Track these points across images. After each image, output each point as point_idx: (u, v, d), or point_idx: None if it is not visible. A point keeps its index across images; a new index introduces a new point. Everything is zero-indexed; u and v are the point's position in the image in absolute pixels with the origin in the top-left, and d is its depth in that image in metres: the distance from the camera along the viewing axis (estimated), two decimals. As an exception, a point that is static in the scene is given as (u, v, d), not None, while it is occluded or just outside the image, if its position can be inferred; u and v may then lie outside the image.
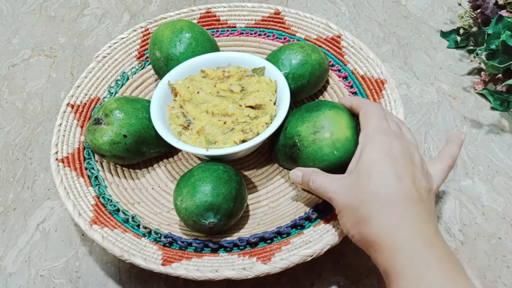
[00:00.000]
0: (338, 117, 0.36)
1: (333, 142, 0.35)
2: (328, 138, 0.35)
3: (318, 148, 0.35)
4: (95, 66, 0.49)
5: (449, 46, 0.59)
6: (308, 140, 0.36)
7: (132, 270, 0.40)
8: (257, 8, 0.54)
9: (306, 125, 0.37)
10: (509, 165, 0.46)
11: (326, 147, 0.35)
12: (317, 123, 0.36)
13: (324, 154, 0.35)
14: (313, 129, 0.36)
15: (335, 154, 0.35)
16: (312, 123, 0.36)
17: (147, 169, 0.46)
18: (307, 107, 0.39)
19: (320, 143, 0.35)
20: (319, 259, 0.35)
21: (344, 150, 0.35)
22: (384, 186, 0.30)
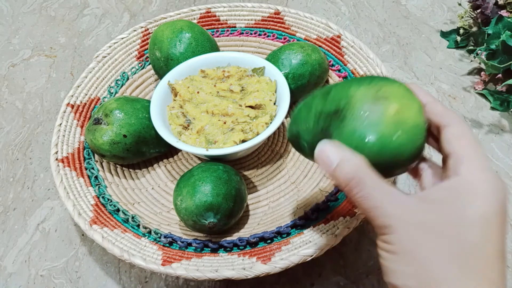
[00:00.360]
0: (410, 96, 0.25)
1: (397, 122, 0.23)
2: (392, 115, 0.23)
3: (373, 123, 0.23)
4: (95, 66, 0.49)
5: (449, 46, 0.59)
6: (363, 107, 0.24)
7: (132, 270, 0.40)
8: (257, 8, 0.54)
9: (365, 88, 0.25)
10: (509, 165, 0.46)
11: (385, 125, 0.23)
12: (381, 90, 0.24)
13: (382, 132, 0.23)
14: (373, 96, 0.24)
15: (396, 138, 0.23)
16: (375, 89, 0.25)
17: (147, 169, 0.46)
18: (368, 76, 0.28)
19: (379, 117, 0.23)
20: (319, 259, 0.35)
21: (408, 138, 0.23)
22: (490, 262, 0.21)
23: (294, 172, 0.44)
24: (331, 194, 0.39)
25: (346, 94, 0.25)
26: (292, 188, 0.43)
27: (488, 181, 0.22)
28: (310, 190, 0.41)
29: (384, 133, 0.23)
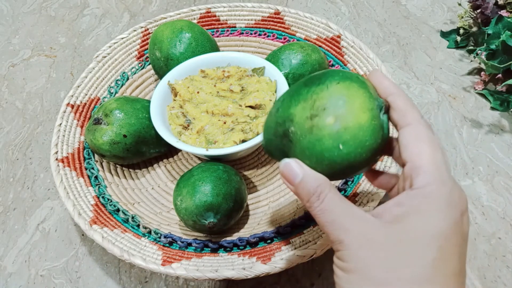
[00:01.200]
0: (350, 93, 0.24)
1: (337, 132, 0.23)
2: (330, 126, 0.24)
3: (315, 140, 0.24)
4: (95, 66, 0.49)
5: (449, 46, 0.59)
6: (303, 128, 0.25)
7: (132, 270, 0.40)
8: (257, 8, 0.54)
9: (302, 105, 0.25)
10: (509, 165, 0.46)
11: (328, 139, 0.24)
12: (316, 102, 0.24)
13: (324, 149, 0.24)
14: (310, 111, 0.24)
15: (341, 150, 0.23)
16: (310, 103, 0.25)
17: (147, 169, 0.46)
18: (307, 80, 0.26)
19: (319, 133, 0.24)
20: (319, 259, 0.35)
21: (355, 143, 0.23)
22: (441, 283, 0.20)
23: (294, 172, 0.44)
24: (331, 194, 0.39)
25: (288, 114, 0.26)
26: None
27: (444, 196, 0.21)
28: (310, 190, 0.41)
29: (328, 148, 0.24)
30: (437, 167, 0.22)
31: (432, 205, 0.21)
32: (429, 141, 0.22)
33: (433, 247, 0.20)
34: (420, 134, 0.23)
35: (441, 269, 0.20)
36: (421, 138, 0.22)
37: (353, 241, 0.21)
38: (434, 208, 0.21)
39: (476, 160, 0.46)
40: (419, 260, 0.20)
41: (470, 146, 0.48)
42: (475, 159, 0.46)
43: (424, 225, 0.21)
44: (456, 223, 0.21)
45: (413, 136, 0.23)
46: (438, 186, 0.21)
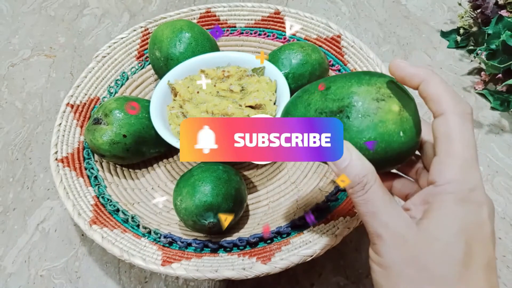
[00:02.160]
0: (406, 95, 0.26)
1: (401, 120, 0.24)
2: (396, 112, 0.24)
3: (379, 121, 0.24)
4: (94, 66, 0.49)
5: (449, 46, 0.59)
6: (368, 107, 0.25)
7: (132, 270, 0.40)
8: (257, 8, 0.54)
9: (366, 88, 0.25)
10: (509, 165, 0.46)
11: (391, 123, 0.24)
12: (382, 89, 0.25)
13: (386, 131, 0.24)
14: (376, 95, 0.25)
15: (401, 136, 0.24)
16: (376, 88, 0.25)
17: (147, 169, 0.46)
18: (363, 72, 0.28)
19: (384, 116, 0.24)
20: (319, 259, 0.35)
21: (411, 135, 0.25)
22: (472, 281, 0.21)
23: (294, 172, 0.44)
24: (331, 194, 0.39)
25: (348, 92, 0.26)
26: (292, 188, 0.43)
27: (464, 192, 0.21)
28: (310, 190, 0.41)
29: (391, 131, 0.24)
30: (461, 165, 0.21)
31: (452, 202, 0.21)
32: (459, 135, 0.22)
33: (458, 243, 0.21)
34: (451, 127, 0.22)
35: (469, 264, 0.21)
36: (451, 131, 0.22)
37: (390, 237, 0.22)
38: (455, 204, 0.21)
39: (476, 160, 0.46)
40: (447, 258, 0.21)
41: (470, 146, 0.48)
42: (475, 159, 0.46)
43: (447, 223, 0.21)
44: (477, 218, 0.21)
45: (443, 128, 0.22)
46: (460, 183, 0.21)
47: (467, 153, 0.22)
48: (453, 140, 0.22)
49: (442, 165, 0.22)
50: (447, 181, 0.22)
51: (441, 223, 0.21)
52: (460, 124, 0.22)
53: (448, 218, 0.21)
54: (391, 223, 0.22)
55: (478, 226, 0.21)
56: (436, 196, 0.22)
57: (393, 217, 0.22)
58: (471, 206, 0.21)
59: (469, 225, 0.21)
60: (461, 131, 0.22)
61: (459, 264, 0.21)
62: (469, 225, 0.21)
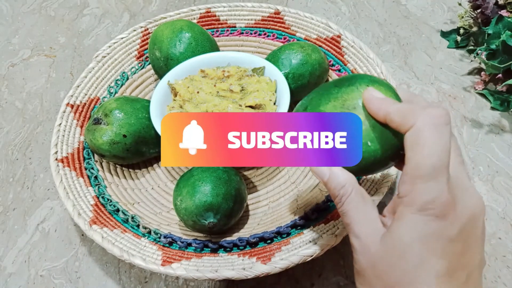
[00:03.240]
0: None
1: (366, 130, 0.25)
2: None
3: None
4: (94, 66, 0.49)
5: (449, 46, 0.59)
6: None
7: (132, 270, 0.40)
8: (257, 8, 0.54)
9: (333, 104, 0.26)
10: (509, 165, 0.46)
11: None
12: (347, 101, 0.26)
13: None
14: (341, 109, 0.26)
15: (369, 146, 0.25)
16: (341, 102, 0.26)
17: (147, 169, 0.46)
18: (338, 81, 0.28)
19: None
20: (319, 259, 0.35)
21: (382, 140, 0.25)
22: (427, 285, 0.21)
23: (294, 172, 0.44)
24: (331, 194, 0.39)
25: (318, 111, 0.27)
26: (292, 188, 0.43)
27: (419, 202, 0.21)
28: (310, 190, 0.41)
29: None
30: (420, 176, 0.21)
31: (408, 214, 0.21)
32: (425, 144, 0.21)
33: (410, 253, 0.21)
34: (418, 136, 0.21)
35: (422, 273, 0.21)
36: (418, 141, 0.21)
37: (359, 247, 0.23)
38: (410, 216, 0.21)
39: (476, 160, 0.46)
40: (399, 268, 0.21)
41: (470, 146, 0.48)
42: (475, 159, 0.46)
43: (401, 233, 0.21)
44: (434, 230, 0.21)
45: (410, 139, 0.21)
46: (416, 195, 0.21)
47: (430, 162, 0.20)
48: (417, 150, 0.21)
49: (403, 176, 0.22)
50: (404, 193, 0.22)
51: (397, 234, 0.22)
52: (428, 132, 0.21)
53: (404, 229, 0.21)
54: (361, 234, 0.23)
55: (437, 235, 0.21)
56: (398, 207, 0.22)
57: (364, 228, 0.23)
58: (428, 217, 0.21)
59: (425, 235, 0.21)
60: (428, 138, 0.21)
61: (409, 273, 0.21)
62: (425, 235, 0.21)
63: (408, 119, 0.21)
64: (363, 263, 0.23)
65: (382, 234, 0.23)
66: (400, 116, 0.22)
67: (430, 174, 0.20)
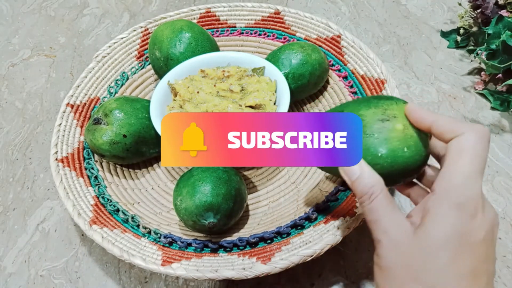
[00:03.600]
0: None
1: (405, 137, 0.27)
2: (400, 130, 0.27)
3: (384, 139, 0.27)
4: (94, 66, 0.49)
5: (449, 46, 0.59)
6: (373, 127, 0.28)
7: (132, 270, 0.40)
8: (257, 8, 0.54)
9: (373, 110, 0.28)
10: (509, 165, 0.46)
11: (396, 140, 0.27)
12: (387, 111, 0.28)
13: (391, 148, 0.27)
14: (382, 116, 0.28)
15: (405, 152, 0.27)
16: (382, 110, 0.28)
17: (147, 169, 0.46)
18: (373, 96, 0.31)
19: (389, 134, 0.27)
20: (319, 259, 0.35)
21: (416, 150, 0.27)
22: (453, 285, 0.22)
23: (294, 172, 0.44)
24: (331, 194, 0.39)
25: (359, 114, 0.28)
26: (292, 188, 0.43)
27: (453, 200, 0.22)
28: (310, 190, 0.41)
29: (395, 147, 0.27)
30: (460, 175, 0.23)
31: (445, 209, 0.22)
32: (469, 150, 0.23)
33: (443, 250, 0.22)
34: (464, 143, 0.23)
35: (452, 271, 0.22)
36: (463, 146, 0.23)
37: (388, 243, 0.24)
38: (447, 211, 0.22)
39: (476, 160, 0.46)
40: (432, 264, 0.22)
41: (470, 146, 0.48)
42: (475, 159, 0.46)
43: (435, 229, 0.22)
44: (468, 227, 0.22)
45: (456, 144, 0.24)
46: (455, 191, 0.22)
47: (470, 166, 0.23)
48: (461, 154, 0.23)
49: (443, 174, 0.23)
50: (443, 188, 0.23)
51: (432, 229, 0.23)
52: (474, 141, 0.23)
53: (439, 225, 0.22)
54: (390, 230, 0.24)
55: (468, 234, 0.22)
56: (433, 203, 0.23)
57: (393, 225, 0.24)
58: (463, 214, 0.22)
59: (458, 233, 0.22)
60: (473, 147, 0.23)
61: (443, 269, 0.22)
62: (458, 233, 0.22)
63: (457, 128, 0.24)
64: (391, 258, 0.24)
65: (413, 230, 0.23)
66: (449, 125, 0.24)
67: (470, 175, 0.22)
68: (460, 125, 0.24)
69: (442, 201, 0.23)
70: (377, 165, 0.27)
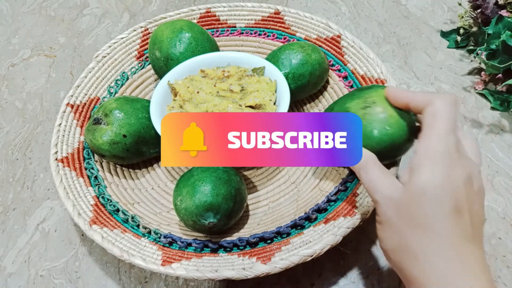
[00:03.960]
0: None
1: (385, 117, 0.31)
2: (380, 113, 0.32)
3: (368, 123, 0.32)
4: (94, 66, 0.49)
5: (449, 46, 0.59)
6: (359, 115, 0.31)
7: (132, 270, 0.40)
8: (257, 8, 0.54)
9: (356, 101, 0.33)
10: (509, 165, 0.46)
11: (377, 122, 0.32)
12: (368, 99, 0.33)
13: (375, 128, 0.32)
14: (363, 104, 0.33)
15: (387, 129, 0.31)
16: (363, 99, 0.33)
17: (147, 169, 0.46)
18: (356, 88, 0.36)
19: (371, 118, 0.32)
20: (319, 259, 0.35)
21: (397, 126, 0.31)
22: (440, 221, 0.25)
23: (294, 172, 0.44)
24: (331, 194, 0.39)
25: (344, 108, 0.34)
26: (292, 188, 0.43)
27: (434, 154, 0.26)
28: (310, 190, 0.41)
29: (379, 128, 0.31)
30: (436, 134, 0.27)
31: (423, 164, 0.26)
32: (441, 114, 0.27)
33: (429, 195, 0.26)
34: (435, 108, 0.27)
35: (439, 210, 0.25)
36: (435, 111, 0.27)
37: (383, 200, 0.28)
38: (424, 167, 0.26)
39: (476, 160, 0.46)
40: (421, 208, 0.26)
41: (470, 146, 0.48)
42: (475, 159, 0.46)
43: (420, 180, 0.26)
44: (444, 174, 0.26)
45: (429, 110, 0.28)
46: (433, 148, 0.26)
47: (442, 126, 0.27)
48: (434, 117, 0.27)
49: (421, 137, 0.28)
50: (423, 148, 0.27)
51: (417, 181, 0.26)
52: (443, 106, 0.27)
53: (422, 176, 0.26)
54: (384, 190, 0.28)
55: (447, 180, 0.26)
56: (416, 161, 0.27)
57: (386, 186, 0.28)
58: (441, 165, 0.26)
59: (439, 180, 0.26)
60: (443, 110, 0.27)
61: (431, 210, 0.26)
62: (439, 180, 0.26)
63: (428, 99, 0.28)
64: (388, 212, 0.28)
65: (403, 186, 0.27)
66: (422, 98, 0.29)
67: (443, 133, 0.26)
68: (431, 96, 0.28)
69: (422, 158, 0.26)
70: (367, 146, 0.32)
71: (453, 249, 0.25)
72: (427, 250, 0.26)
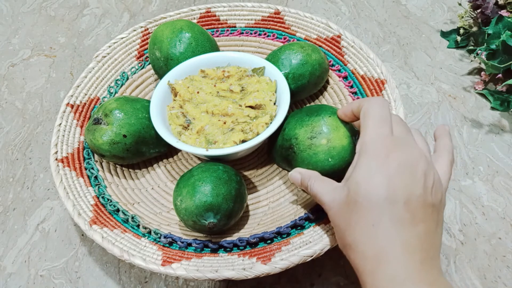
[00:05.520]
0: (337, 124, 0.36)
1: (328, 149, 0.35)
2: (324, 145, 0.35)
3: (313, 154, 0.35)
4: (94, 66, 0.49)
5: (449, 46, 0.59)
6: (304, 145, 0.36)
7: (132, 270, 0.40)
8: (257, 8, 0.54)
9: (304, 129, 0.36)
10: (509, 165, 0.46)
11: (321, 154, 0.35)
12: (315, 128, 0.36)
13: (319, 160, 0.35)
14: (310, 134, 0.36)
15: (330, 161, 0.35)
16: (310, 128, 0.36)
17: (147, 169, 0.46)
18: (308, 110, 0.38)
19: (316, 149, 0.35)
20: (319, 259, 0.35)
21: (339, 158, 0.35)
22: (371, 209, 0.27)
23: (294, 172, 0.44)
24: (331, 194, 0.39)
25: (293, 133, 0.37)
26: (292, 188, 0.43)
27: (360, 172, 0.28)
28: (310, 190, 0.41)
29: (321, 159, 0.35)
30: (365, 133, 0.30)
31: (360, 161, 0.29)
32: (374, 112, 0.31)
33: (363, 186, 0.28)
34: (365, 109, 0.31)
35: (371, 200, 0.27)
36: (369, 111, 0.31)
37: (327, 203, 0.31)
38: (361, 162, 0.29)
39: (476, 160, 0.46)
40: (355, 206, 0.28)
41: (470, 146, 0.48)
42: (475, 159, 0.46)
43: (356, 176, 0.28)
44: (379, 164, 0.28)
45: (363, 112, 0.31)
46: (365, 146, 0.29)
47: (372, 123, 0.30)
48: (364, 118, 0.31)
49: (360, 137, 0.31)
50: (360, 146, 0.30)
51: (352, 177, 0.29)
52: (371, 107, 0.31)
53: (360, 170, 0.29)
54: (326, 196, 0.31)
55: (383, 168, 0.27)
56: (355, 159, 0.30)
57: (328, 194, 0.31)
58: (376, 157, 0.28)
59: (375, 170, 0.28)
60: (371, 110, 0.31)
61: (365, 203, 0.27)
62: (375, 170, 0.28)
63: (360, 104, 0.32)
64: (335, 216, 0.30)
65: (342, 186, 0.30)
66: (355, 105, 0.33)
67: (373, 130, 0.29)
68: (361, 100, 0.32)
69: (358, 155, 0.30)
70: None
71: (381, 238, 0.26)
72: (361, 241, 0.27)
